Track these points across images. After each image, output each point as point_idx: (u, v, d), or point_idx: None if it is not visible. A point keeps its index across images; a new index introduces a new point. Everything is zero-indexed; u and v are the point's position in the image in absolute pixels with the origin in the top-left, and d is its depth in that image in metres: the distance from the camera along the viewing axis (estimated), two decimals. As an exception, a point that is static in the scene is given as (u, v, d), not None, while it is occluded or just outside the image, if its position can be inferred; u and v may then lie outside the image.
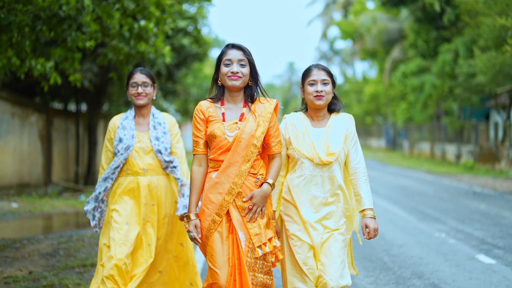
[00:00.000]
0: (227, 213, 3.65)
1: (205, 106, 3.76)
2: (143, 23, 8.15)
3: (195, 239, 3.69)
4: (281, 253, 3.78)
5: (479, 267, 6.73)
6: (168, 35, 14.12)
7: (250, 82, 3.77)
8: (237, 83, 3.69)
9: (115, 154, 4.59)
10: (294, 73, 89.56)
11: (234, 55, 3.71)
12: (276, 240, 3.71)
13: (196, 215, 3.73)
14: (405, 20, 33.35)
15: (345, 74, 55.08)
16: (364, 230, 3.88)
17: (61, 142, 16.28)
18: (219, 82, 3.77)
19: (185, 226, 3.75)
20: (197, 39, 15.85)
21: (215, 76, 3.80)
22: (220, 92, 3.79)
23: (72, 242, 7.87)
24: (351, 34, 44.31)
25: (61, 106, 19.14)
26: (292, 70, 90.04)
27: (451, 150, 28.57)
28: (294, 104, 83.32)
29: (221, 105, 3.76)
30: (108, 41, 8.37)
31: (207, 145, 3.79)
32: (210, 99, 3.80)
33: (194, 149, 3.80)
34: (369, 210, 3.88)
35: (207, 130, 3.73)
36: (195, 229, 3.70)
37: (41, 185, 14.76)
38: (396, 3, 31.56)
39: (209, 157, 3.75)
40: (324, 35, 55.07)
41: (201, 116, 3.74)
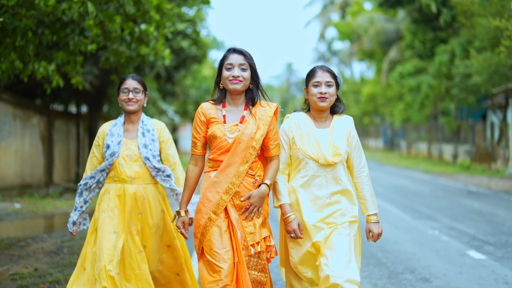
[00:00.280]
0: (226, 211, 3.76)
1: (207, 108, 3.88)
2: (143, 27, 8.34)
3: (182, 235, 3.92)
4: (276, 251, 3.86)
5: (469, 262, 6.97)
6: (168, 38, 14.31)
7: (251, 86, 3.89)
8: (238, 86, 3.81)
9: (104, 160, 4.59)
10: (292, 74, 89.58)
11: (235, 59, 3.82)
12: (271, 239, 3.82)
13: (186, 212, 3.92)
14: (402, 21, 33.46)
15: (343, 75, 55.16)
16: (368, 234, 3.96)
17: (62, 143, 16.47)
18: (220, 85, 3.89)
19: (174, 221, 3.94)
20: (196, 41, 16.05)
21: (217, 79, 3.92)
22: (222, 94, 3.90)
23: (75, 241, 8.06)
24: (349, 35, 44.47)
25: (61, 108, 19.34)
26: (290, 71, 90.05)
27: (448, 150, 28.74)
28: (292, 105, 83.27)
29: (223, 108, 3.87)
30: (110, 44, 8.53)
31: (205, 146, 3.92)
32: (212, 101, 3.92)
33: (192, 149, 3.94)
34: (373, 215, 3.95)
35: (207, 132, 3.84)
36: (182, 225, 3.91)
37: (43, 185, 14.94)
38: (393, 4, 31.68)
39: (208, 157, 3.88)
40: (322, 36, 55.19)
41: (202, 118, 3.86)
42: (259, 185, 3.81)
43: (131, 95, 4.55)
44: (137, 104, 4.59)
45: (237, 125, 3.82)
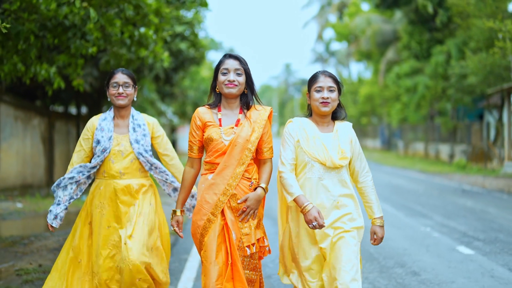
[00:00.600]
0: (222, 213, 3.87)
1: (202, 112, 3.99)
2: (143, 30, 8.57)
3: (177, 234, 4.06)
4: (269, 250, 4.01)
5: (458, 257, 7.22)
6: (166, 41, 14.55)
7: (245, 90, 3.99)
8: (234, 91, 3.91)
9: (94, 155, 4.53)
10: (290, 75, 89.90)
11: (231, 64, 3.93)
12: (265, 240, 3.98)
13: (181, 211, 4.06)
14: (399, 22, 33.68)
15: (340, 75, 55.37)
16: (372, 236, 4.00)
17: (62, 144, 16.69)
18: (216, 90, 4.02)
19: (172, 220, 4.07)
20: (194, 43, 16.25)
21: (213, 84, 4.05)
22: (217, 99, 4.03)
23: (77, 238, 8.28)
24: (346, 35, 44.65)
25: (61, 109, 19.56)
26: (288, 71, 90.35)
27: (444, 150, 28.94)
28: (291, 105, 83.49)
29: (218, 111, 3.97)
30: (110, 47, 8.74)
31: (201, 150, 4.06)
32: (207, 106, 4.03)
33: (189, 152, 4.05)
34: (379, 218, 4.01)
35: (203, 135, 3.97)
36: (176, 225, 4.04)
37: (44, 186, 15.15)
38: (390, 5, 31.89)
39: (205, 160, 4.01)
40: (319, 37, 55.48)
41: (198, 123, 3.97)
42: (255, 188, 3.93)
43: (121, 90, 4.50)
44: (127, 99, 4.54)
45: (232, 128, 3.93)
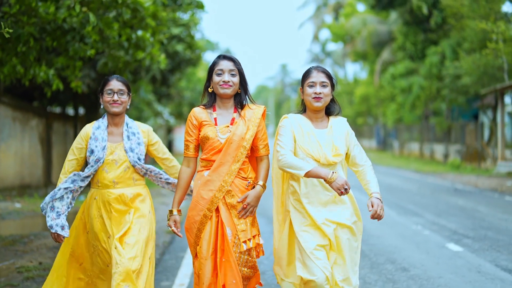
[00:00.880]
0: (217, 209, 3.98)
1: (198, 112, 4.11)
2: (140, 33, 8.74)
3: (174, 232, 4.10)
4: (262, 251, 4.11)
5: (447, 253, 7.43)
6: (163, 43, 14.72)
7: (239, 90, 4.13)
8: (228, 91, 4.04)
9: (88, 164, 4.46)
10: (286, 75, 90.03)
11: (225, 65, 4.05)
12: (259, 238, 4.10)
13: (178, 211, 4.13)
14: (394, 22, 33.85)
15: (337, 76, 55.61)
16: (369, 207, 3.86)
17: (60, 145, 16.84)
18: (209, 90, 4.16)
19: (167, 221, 4.14)
20: (190, 45, 16.43)
21: (206, 84, 4.19)
22: (211, 99, 4.17)
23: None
24: (342, 36, 44.82)
25: (59, 110, 19.71)
26: (285, 72, 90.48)
27: (439, 149, 29.14)
28: (287, 105, 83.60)
29: (213, 111, 4.10)
30: (108, 50, 8.91)
31: (197, 149, 4.19)
32: (203, 106, 4.16)
33: (185, 151, 4.14)
34: (377, 193, 3.92)
35: (200, 134, 4.11)
36: (174, 224, 4.09)
37: (42, 186, 15.30)
38: (385, 6, 32.06)
39: (201, 157, 4.15)
40: (315, 38, 55.61)
41: (194, 122, 4.09)
42: (253, 187, 4.04)
43: (116, 97, 4.42)
44: (122, 106, 4.46)
45: (228, 126, 4.05)
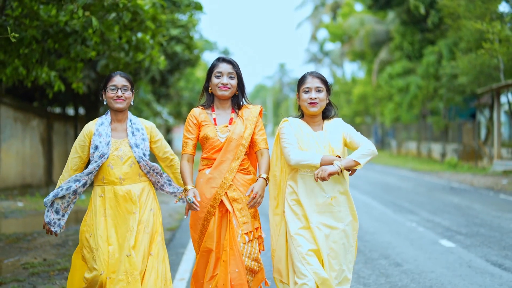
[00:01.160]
0: (221, 204, 4.17)
1: (198, 112, 4.28)
2: (140, 35, 8.95)
3: (194, 204, 4.04)
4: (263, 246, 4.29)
5: (439, 249, 7.64)
6: (162, 44, 14.93)
7: (237, 92, 4.31)
8: (227, 93, 4.23)
9: (90, 161, 4.40)
10: (285, 74, 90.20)
11: (224, 68, 4.22)
12: (261, 231, 4.27)
13: (193, 186, 4.16)
14: (392, 22, 33.99)
15: (335, 75, 55.75)
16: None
17: (60, 144, 17.04)
18: (209, 91, 4.35)
19: (183, 198, 4.15)
20: (189, 46, 16.61)
21: (205, 85, 4.39)
22: (210, 99, 4.36)
23: (78, 235, 8.62)
24: (340, 36, 44.96)
25: (59, 110, 19.91)
26: (283, 71, 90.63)
27: (436, 148, 29.32)
28: (285, 105, 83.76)
29: (212, 111, 4.29)
30: (109, 52, 9.11)
31: (195, 146, 4.33)
32: (202, 107, 4.35)
33: (184, 149, 4.26)
34: (349, 159, 3.96)
35: (199, 134, 4.29)
36: (193, 196, 4.05)
37: (43, 185, 15.50)
38: (383, 6, 32.21)
39: (202, 156, 4.33)
40: (313, 37, 55.78)
41: (194, 121, 4.26)
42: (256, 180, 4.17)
43: (119, 93, 4.37)
44: (126, 102, 4.41)
45: (227, 126, 4.23)
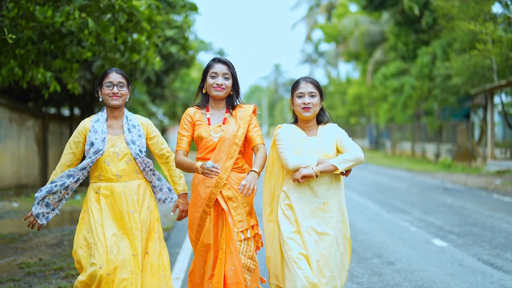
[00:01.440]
0: (217, 203, 4.20)
1: (193, 111, 4.33)
2: (135, 36, 9.00)
3: (215, 168, 4.01)
4: (261, 242, 4.33)
5: (432, 249, 7.73)
6: (157, 45, 14.97)
7: (231, 93, 4.36)
8: (221, 93, 4.27)
9: (85, 157, 4.37)
10: (280, 75, 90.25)
11: (219, 68, 4.26)
12: (258, 228, 4.32)
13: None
14: (386, 23, 34.10)
15: (329, 76, 55.87)
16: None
17: (56, 145, 17.06)
18: (203, 91, 4.40)
19: (203, 168, 4.03)
20: (184, 47, 16.66)
21: (201, 84, 4.43)
22: (205, 99, 4.42)
23: (74, 235, 8.63)
24: (335, 36, 45.02)
25: (54, 111, 19.93)
26: (278, 72, 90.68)
27: (430, 149, 29.44)
28: (280, 105, 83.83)
29: (206, 111, 4.33)
30: (104, 53, 9.16)
31: (190, 144, 4.36)
32: (196, 106, 4.43)
33: (179, 145, 4.27)
34: (326, 163, 4.02)
35: (194, 133, 4.34)
36: (211, 164, 4.03)
37: (38, 186, 15.49)
38: (377, 7, 32.33)
39: (197, 156, 4.38)
40: (308, 38, 55.91)
41: (189, 119, 4.31)
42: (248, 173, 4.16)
43: (115, 89, 4.36)
44: (122, 99, 4.40)
45: (220, 126, 4.27)
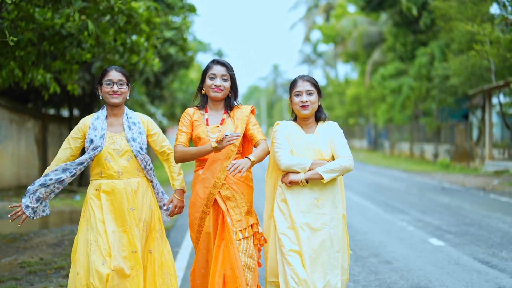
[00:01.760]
0: (216, 203, 4.25)
1: (192, 111, 4.40)
2: (134, 38, 9.07)
3: (233, 135, 4.03)
4: (264, 239, 4.36)
5: (429, 248, 7.81)
6: (156, 46, 15.04)
7: (230, 94, 4.40)
8: (219, 95, 4.32)
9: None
10: (278, 75, 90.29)
11: (218, 70, 4.31)
12: (258, 227, 4.34)
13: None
14: (384, 24, 34.17)
15: (328, 76, 55.94)
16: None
17: (55, 146, 17.14)
18: (203, 92, 4.46)
19: (221, 141, 4.07)
20: (182, 48, 16.73)
21: (200, 86, 4.49)
22: (204, 100, 4.48)
23: (74, 234, 8.70)
24: (333, 37, 45.08)
25: (53, 111, 20.00)
26: (276, 72, 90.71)
27: (429, 149, 29.50)
28: (279, 106, 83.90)
29: (205, 112, 4.38)
30: (104, 54, 9.23)
31: (189, 140, 4.40)
32: (196, 107, 4.50)
33: (178, 140, 4.31)
34: (313, 170, 4.08)
35: (192, 133, 4.40)
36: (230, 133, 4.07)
37: (38, 186, 15.59)
38: (375, 8, 32.40)
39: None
40: (307, 38, 55.99)
41: (189, 118, 4.37)
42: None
43: (115, 87, 4.35)
44: (122, 97, 4.39)
45: (218, 126, 4.32)
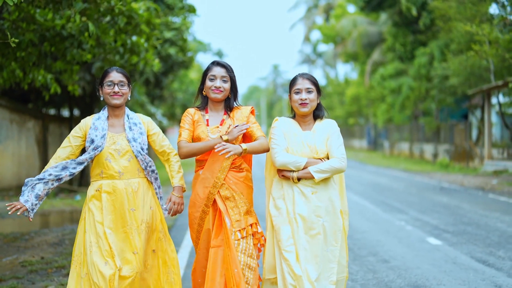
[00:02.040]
0: (215, 203, 4.29)
1: (193, 111, 4.45)
2: (135, 38, 9.13)
3: (246, 127, 4.24)
4: (264, 239, 4.40)
5: (426, 247, 7.87)
6: (156, 47, 15.09)
7: (229, 95, 4.45)
8: (219, 96, 4.37)
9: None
10: (278, 75, 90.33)
11: (218, 71, 4.36)
12: (258, 226, 4.39)
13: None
14: (384, 24, 34.24)
15: (328, 76, 56.00)
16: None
17: (56, 146, 17.14)
18: (203, 93, 4.52)
19: (232, 132, 4.22)
20: (182, 48, 16.78)
21: (200, 87, 4.55)
22: (204, 101, 4.55)
23: (74, 234, 8.76)
24: (333, 37, 45.16)
25: (54, 112, 20.05)
26: (276, 72, 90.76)
27: (428, 149, 29.55)
28: (279, 106, 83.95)
29: (206, 113, 4.44)
30: (104, 55, 9.29)
31: (191, 137, 4.42)
32: (196, 108, 4.56)
33: (181, 136, 4.35)
34: (304, 170, 4.16)
35: (194, 133, 4.44)
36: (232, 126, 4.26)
37: (38, 186, 15.65)
38: (375, 8, 32.45)
39: (196, 158, 4.49)
40: (306, 39, 56.07)
41: (190, 117, 4.42)
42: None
43: (116, 89, 4.36)
44: (123, 98, 4.41)
45: (217, 127, 4.37)
